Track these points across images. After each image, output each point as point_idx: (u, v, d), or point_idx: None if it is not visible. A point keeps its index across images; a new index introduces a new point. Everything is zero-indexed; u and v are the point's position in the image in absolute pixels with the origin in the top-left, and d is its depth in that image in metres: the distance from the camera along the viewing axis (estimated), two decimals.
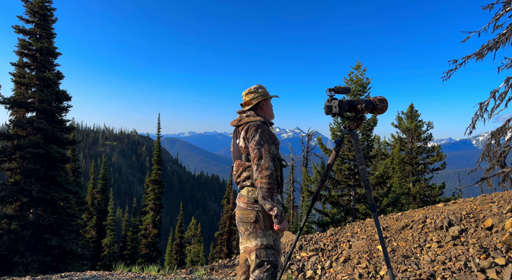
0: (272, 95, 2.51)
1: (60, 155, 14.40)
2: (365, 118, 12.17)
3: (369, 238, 4.65)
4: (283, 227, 2.22)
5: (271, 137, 2.32)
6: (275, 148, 2.33)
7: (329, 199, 12.28)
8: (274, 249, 2.28)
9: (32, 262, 12.70)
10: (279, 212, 2.17)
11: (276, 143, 2.36)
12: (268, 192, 2.16)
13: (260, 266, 2.25)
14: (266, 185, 2.16)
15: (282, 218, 2.19)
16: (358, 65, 12.54)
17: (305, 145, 20.17)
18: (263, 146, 2.23)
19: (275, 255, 2.28)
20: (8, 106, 14.36)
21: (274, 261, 2.27)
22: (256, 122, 2.34)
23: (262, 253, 2.25)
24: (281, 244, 2.43)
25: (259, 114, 2.45)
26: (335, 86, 2.67)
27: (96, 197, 25.66)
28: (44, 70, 14.93)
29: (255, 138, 2.25)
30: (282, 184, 2.44)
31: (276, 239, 2.32)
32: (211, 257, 29.95)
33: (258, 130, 2.27)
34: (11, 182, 14.06)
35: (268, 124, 2.46)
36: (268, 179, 2.17)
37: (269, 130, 2.37)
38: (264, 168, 2.19)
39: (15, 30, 14.59)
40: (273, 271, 2.26)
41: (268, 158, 2.21)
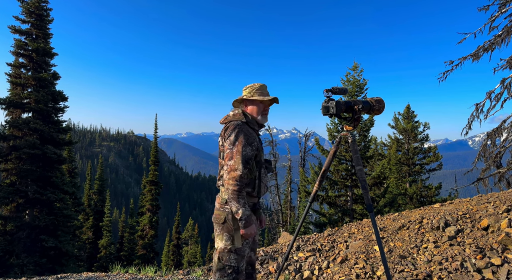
0: (261, 99, 2.35)
1: (57, 156, 14.32)
2: (362, 119, 12.24)
3: (366, 238, 4.67)
4: (248, 232, 2.15)
5: (248, 139, 2.22)
6: (251, 150, 2.21)
7: (326, 200, 12.29)
8: (238, 254, 2.20)
9: (28, 263, 12.61)
10: (244, 216, 2.10)
11: (254, 145, 2.24)
12: (233, 194, 2.10)
13: (221, 270, 2.19)
14: (232, 187, 2.10)
15: (247, 223, 2.12)
16: (355, 66, 12.58)
17: (302, 145, 20.20)
18: (236, 146, 2.17)
19: (238, 260, 2.19)
20: (3, 106, 14.27)
21: (236, 266, 2.18)
22: (235, 122, 2.28)
23: (224, 256, 2.19)
24: (247, 250, 2.28)
25: (246, 114, 2.38)
26: (332, 87, 2.67)
27: (93, 198, 25.54)
28: (40, 70, 14.85)
29: (230, 138, 2.21)
30: (260, 189, 2.33)
31: (245, 244, 2.24)
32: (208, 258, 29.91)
33: (235, 130, 2.22)
34: (6, 183, 13.96)
35: (254, 126, 2.37)
36: (234, 180, 2.10)
37: (248, 131, 2.26)
38: (232, 169, 2.13)
39: (11, 30, 14.51)
40: (235, 276, 2.18)
41: (239, 159, 2.14)
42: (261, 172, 2.34)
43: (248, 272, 2.46)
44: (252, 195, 2.32)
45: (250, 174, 2.24)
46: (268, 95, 2.45)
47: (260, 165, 2.33)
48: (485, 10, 8.30)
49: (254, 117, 2.39)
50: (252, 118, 2.39)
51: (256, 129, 2.40)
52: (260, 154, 2.34)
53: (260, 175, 2.33)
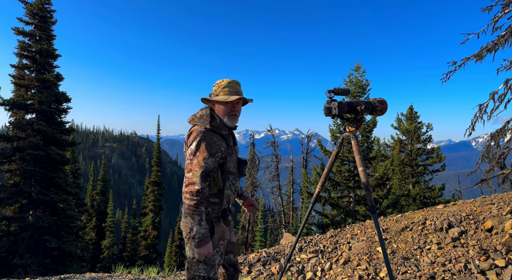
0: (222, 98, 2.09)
1: (60, 156, 14.39)
2: (365, 119, 12.20)
3: (369, 239, 4.65)
4: (201, 252, 1.97)
5: (212, 149, 2.00)
6: (213, 162, 2.00)
7: (329, 201, 12.27)
8: (207, 264, 2.09)
9: (31, 264, 12.67)
10: (198, 234, 1.94)
11: (217, 156, 2.02)
12: (189, 209, 1.94)
13: (191, 279, 2.12)
14: (187, 202, 1.95)
15: (201, 242, 1.95)
16: (358, 66, 12.56)
17: (304, 146, 20.18)
18: (196, 157, 1.98)
19: (207, 270, 2.09)
20: (7, 107, 14.36)
21: (206, 276, 2.09)
22: (199, 128, 2.06)
23: (193, 267, 2.10)
24: (218, 259, 2.16)
25: (214, 116, 2.14)
26: (334, 88, 2.67)
27: (96, 199, 25.63)
28: (44, 71, 14.94)
29: (191, 147, 2.01)
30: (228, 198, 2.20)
31: (215, 253, 2.13)
32: None
33: (197, 138, 2.01)
34: (10, 183, 14.03)
35: (221, 130, 2.12)
36: (191, 195, 1.94)
37: (211, 139, 2.02)
38: (189, 183, 1.96)
39: (15, 32, 14.61)
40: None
41: (198, 172, 1.95)
42: (229, 179, 2.19)
43: (230, 273, 2.41)
44: (219, 204, 2.16)
45: (213, 185, 2.09)
46: (237, 93, 2.13)
47: (227, 174, 2.15)
48: (488, 10, 8.28)
49: (221, 119, 2.14)
50: (221, 120, 2.13)
51: (224, 134, 2.14)
52: (228, 161, 2.14)
53: (227, 184, 2.17)
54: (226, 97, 2.08)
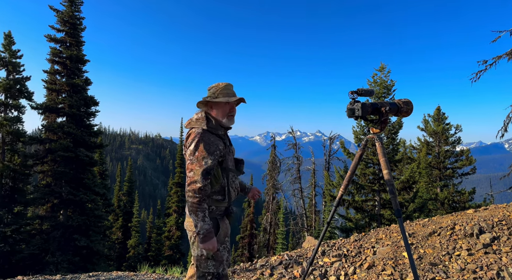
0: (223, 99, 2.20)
1: (88, 158, 14.95)
2: (390, 121, 11.91)
3: (395, 244, 4.52)
4: (207, 247, 2.06)
5: (210, 148, 2.11)
6: (212, 161, 2.10)
7: (352, 204, 12.04)
8: (216, 260, 2.17)
9: (62, 261, 13.20)
10: (202, 230, 2.04)
11: (216, 154, 2.13)
12: (192, 207, 2.05)
13: (201, 277, 2.19)
14: (191, 200, 2.05)
15: (206, 237, 2.05)
16: (382, 67, 12.29)
17: (327, 148, 19.92)
18: (196, 157, 2.09)
19: (216, 266, 2.17)
20: (40, 111, 15.10)
21: (215, 272, 2.18)
22: (196, 130, 2.16)
23: (202, 264, 2.18)
24: (226, 255, 2.25)
25: (209, 118, 2.23)
26: (357, 89, 2.63)
27: (122, 199, 26.39)
28: (74, 76, 15.60)
29: (191, 147, 2.12)
30: (230, 195, 2.28)
31: (222, 249, 2.21)
32: (233, 260, 30.03)
33: (195, 139, 2.11)
34: (43, 184, 14.72)
35: (218, 131, 2.23)
36: (194, 193, 2.04)
37: (209, 139, 2.13)
38: (192, 181, 2.06)
39: (47, 39, 15.36)
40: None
41: (199, 171, 2.06)
42: (230, 177, 2.28)
43: None
44: (223, 202, 2.26)
45: (215, 183, 2.18)
46: (234, 95, 2.27)
47: (227, 171, 2.26)
48: None
49: (218, 121, 2.25)
50: (216, 121, 2.24)
51: (220, 134, 2.25)
52: (227, 160, 2.25)
53: (229, 181, 2.27)
54: (227, 99, 2.20)
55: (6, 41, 15.66)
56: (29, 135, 15.86)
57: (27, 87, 15.99)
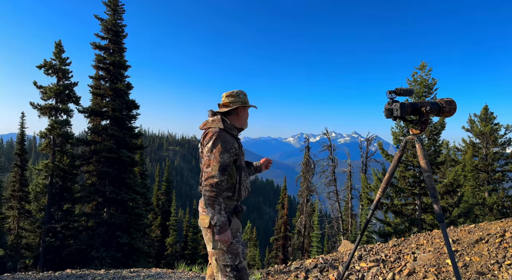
0: (251, 105, 2.47)
1: (130, 159, 15.69)
2: (431, 121, 11.34)
3: (437, 250, 4.30)
4: (222, 238, 2.18)
5: (226, 146, 2.24)
6: (229, 157, 2.24)
7: (391, 208, 11.59)
8: (232, 253, 2.27)
9: (105, 257, 13.94)
10: (218, 222, 2.15)
11: (232, 152, 2.26)
12: (210, 200, 2.16)
13: (222, 270, 2.28)
14: (208, 193, 2.16)
15: (222, 229, 2.17)
16: (423, 65, 11.74)
17: (364, 150, 19.35)
18: (213, 154, 2.21)
19: (233, 259, 2.26)
20: (86, 115, 16.10)
21: (233, 265, 2.26)
22: (214, 129, 2.31)
23: (220, 257, 2.28)
24: (241, 248, 2.34)
25: (225, 120, 2.39)
26: (396, 88, 2.54)
27: (161, 199, 27.38)
28: (116, 81, 16.47)
29: (208, 145, 2.24)
30: (240, 192, 2.37)
31: (235, 242, 2.30)
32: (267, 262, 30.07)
33: (213, 137, 2.25)
34: (88, 183, 15.66)
35: (233, 131, 2.38)
36: (211, 187, 2.16)
37: (225, 138, 2.27)
38: (210, 176, 2.18)
39: (92, 46, 16.35)
40: (236, 274, 2.26)
41: (216, 166, 2.18)
42: (242, 176, 2.39)
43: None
44: (233, 199, 2.36)
45: (230, 179, 2.30)
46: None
47: (241, 170, 2.37)
48: None
49: (241, 124, 2.46)
50: (231, 123, 2.40)
51: (235, 134, 2.40)
52: (240, 159, 2.37)
53: (241, 179, 2.38)
54: (252, 105, 2.48)
55: (57, 50, 16.89)
56: (76, 137, 16.99)
57: (74, 92, 17.13)
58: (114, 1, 16.56)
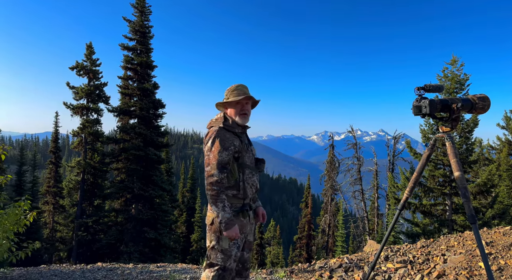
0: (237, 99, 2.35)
1: (156, 156, 16.11)
2: (463, 118, 10.86)
3: (469, 253, 4.13)
4: (230, 234, 2.20)
5: (225, 144, 2.25)
6: (227, 155, 2.24)
7: (419, 208, 11.22)
8: (225, 254, 2.29)
9: (134, 251, 14.41)
10: (223, 219, 2.18)
11: (230, 150, 2.27)
12: (212, 198, 2.20)
13: (209, 265, 2.32)
14: (210, 192, 2.20)
15: (227, 225, 2.19)
16: (454, 60, 11.25)
17: (391, 148, 18.83)
18: (212, 152, 2.24)
19: (224, 260, 2.29)
20: (115, 114, 16.67)
21: (222, 265, 2.28)
22: (213, 128, 2.34)
23: (212, 255, 2.31)
24: (234, 251, 2.33)
25: (227, 117, 2.41)
26: (425, 84, 2.46)
27: (186, 196, 27.94)
28: (144, 81, 16.93)
29: (207, 144, 2.28)
30: (245, 190, 2.35)
31: (232, 244, 2.30)
32: (291, 260, 30.00)
33: (212, 136, 2.28)
34: (117, 180, 16.22)
35: (234, 129, 2.37)
36: (211, 186, 2.19)
37: (224, 136, 2.28)
38: (209, 175, 2.21)
39: (121, 48, 16.88)
40: (221, 273, 2.29)
41: (215, 165, 2.21)
42: (246, 173, 2.37)
43: (238, 269, 2.50)
44: (238, 197, 2.35)
45: (231, 177, 2.30)
46: (244, 94, 2.41)
47: (244, 167, 2.36)
48: None
49: (234, 120, 2.42)
50: (233, 121, 2.40)
51: (237, 132, 2.39)
52: (243, 156, 2.36)
53: (244, 176, 2.36)
54: (235, 98, 2.37)
55: (88, 51, 17.60)
56: (106, 135, 17.65)
57: (104, 92, 17.79)
58: (141, 3, 17.00)
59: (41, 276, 4.91)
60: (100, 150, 17.88)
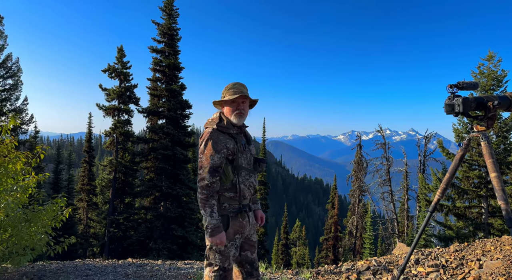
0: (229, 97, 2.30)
1: (183, 156, 16.46)
2: (500, 117, 10.29)
3: (507, 258, 3.91)
4: (214, 241, 2.16)
5: (217, 146, 2.21)
6: (219, 158, 2.20)
7: (452, 211, 10.76)
8: (223, 255, 2.27)
9: (162, 248, 14.80)
10: (209, 225, 2.15)
11: (223, 153, 2.21)
12: (201, 202, 2.17)
13: (209, 265, 2.31)
14: (200, 195, 2.18)
15: (213, 231, 2.15)
16: (491, 55, 10.70)
17: (421, 148, 18.17)
18: (204, 155, 2.20)
19: (222, 260, 2.27)
20: (145, 114, 17.20)
21: (220, 266, 2.27)
22: (207, 130, 2.31)
23: (210, 255, 2.30)
24: (233, 252, 2.32)
25: (222, 118, 2.35)
26: (458, 82, 2.36)
27: None
28: (171, 83, 17.34)
29: (201, 147, 2.24)
30: (242, 192, 2.30)
31: (230, 245, 2.28)
32: (317, 261, 29.68)
33: (205, 138, 2.24)
34: (147, 178, 16.72)
35: (229, 130, 2.31)
36: (201, 189, 2.17)
37: (217, 138, 2.23)
38: (200, 178, 2.19)
39: (150, 50, 17.39)
40: (222, 274, 2.28)
41: (207, 169, 2.17)
42: (241, 175, 2.31)
43: (248, 271, 2.47)
44: (235, 199, 2.30)
45: (225, 179, 2.26)
46: (241, 93, 2.31)
47: (239, 169, 2.30)
48: None
49: (230, 119, 2.35)
50: (228, 121, 2.34)
51: (233, 133, 2.32)
52: (238, 158, 2.29)
53: (240, 178, 2.31)
54: (230, 97, 2.30)
55: (119, 54, 18.27)
56: (136, 135, 18.26)
57: (134, 94, 18.40)
58: (169, 6, 17.42)
59: (76, 269, 5.15)
60: (131, 149, 18.52)
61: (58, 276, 4.72)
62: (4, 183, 4.16)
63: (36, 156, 4.58)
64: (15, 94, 17.10)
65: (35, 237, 4.30)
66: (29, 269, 5.07)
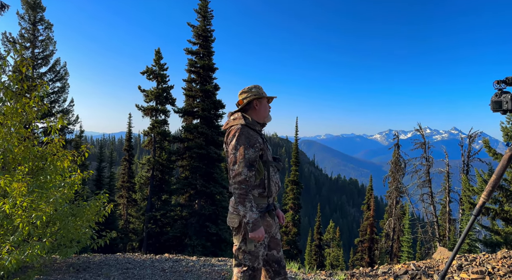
0: (268, 96, 2.42)
1: (217, 155, 16.76)
2: None
3: None
4: (256, 235, 2.15)
5: (250, 141, 2.21)
6: (254, 152, 2.20)
7: (500, 215, 10.06)
8: (252, 255, 2.27)
9: (197, 245, 15.18)
10: (251, 219, 2.13)
11: (256, 147, 2.22)
12: (240, 198, 2.14)
13: (238, 266, 2.31)
14: (237, 191, 2.15)
15: (254, 226, 2.14)
16: None
17: (465, 148, 17.12)
18: (238, 150, 2.18)
19: (252, 260, 2.27)
20: (181, 114, 17.72)
21: (251, 265, 2.27)
22: (236, 126, 2.28)
23: (240, 255, 2.30)
24: (262, 251, 2.31)
25: (246, 116, 2.34)
26: (506, 77, 2.21)
27: None
28: (205, 83, 17.71)
29: (232, 142, 2.22)
30: (270, 188, 2.32)
31: (259, 245, 2.28)
32: (351, 263, 28.99)
33: (236, 134, 2.22)
34: (182, 176, 17.22)
35: (255, 126, 2.32)
36: (239, 184, 2.14)
37: (248, 133, 2.24)
38: (236, 174, 2.15)
39: (185, 52, 17.87)
40: (251, 273, 2.28)
41: (242, 163, 2.15)
42: (270, 171, 2.34)
43: (275, 269, 2.47)
44: (264, 196, 2.33)
45: (258, 175, 2.27)
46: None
47: (268, 165, 2.33)
48: None
49: (261, 118, 2.41)
50: (253, 119, 2.36)
51: (258, 130, 2.35)
52: (266, 154, 2.33)
53: (269, 174, 2.33)
54: (271, 96, 2.45)
55: (157, 57, 18.95)
56: (172, 135, 18.86)
57: (171, 94, 19.02)
58: (204, 8, 17.80)
59: (117, 262, 5.43)
60: (167, 148, 19.17)
61: (101, 268, 5.00)
62: (53, 180, 4.48)
63: (81, 154, 4.89)
64: (63, 96, 18.29)
65: (80, 231, 4.59)
66: (75, 260, 5.42)
